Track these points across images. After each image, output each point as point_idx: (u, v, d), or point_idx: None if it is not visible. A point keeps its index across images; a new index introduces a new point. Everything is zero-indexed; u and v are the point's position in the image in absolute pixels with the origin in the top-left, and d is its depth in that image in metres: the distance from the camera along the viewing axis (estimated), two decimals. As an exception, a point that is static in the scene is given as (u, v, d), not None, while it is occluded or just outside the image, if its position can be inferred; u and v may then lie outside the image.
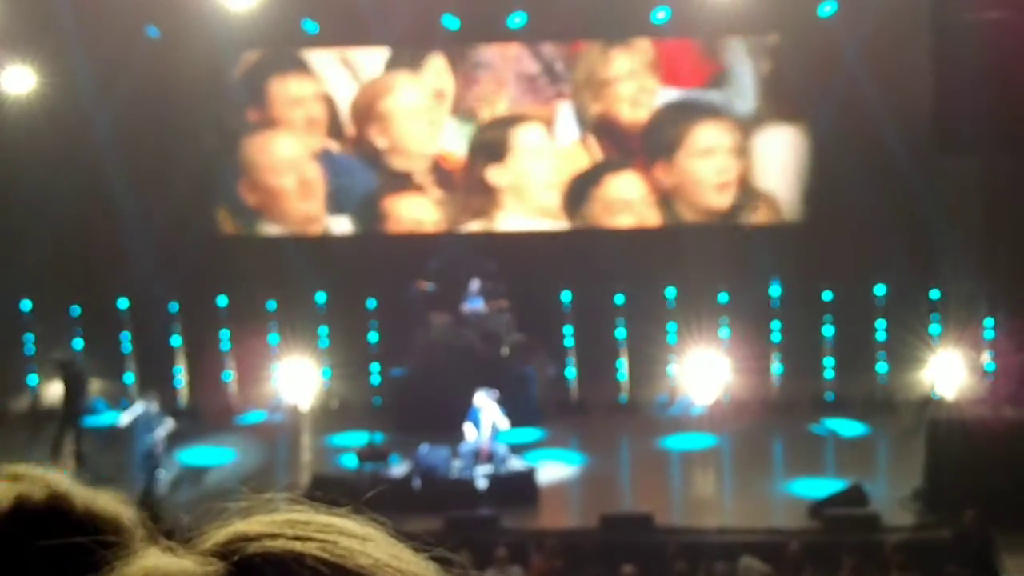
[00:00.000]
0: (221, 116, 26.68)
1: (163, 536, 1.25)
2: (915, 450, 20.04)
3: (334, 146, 26.65)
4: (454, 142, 26.42)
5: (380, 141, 26.45)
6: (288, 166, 26.74)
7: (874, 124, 24.20)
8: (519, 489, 20.33)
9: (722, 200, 25.88)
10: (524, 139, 26.32)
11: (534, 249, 25.95)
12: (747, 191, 25.79)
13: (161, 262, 25.56)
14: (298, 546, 1.10)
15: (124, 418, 20.72)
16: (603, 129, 26.11)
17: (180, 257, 25.46)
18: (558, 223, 26.31)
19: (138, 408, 20.71)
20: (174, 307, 25.34)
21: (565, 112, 26.14)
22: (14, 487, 1.43)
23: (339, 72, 26.62)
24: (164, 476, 20.82)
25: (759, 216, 25.90)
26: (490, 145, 26.33)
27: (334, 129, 26.61)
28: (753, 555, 16.87)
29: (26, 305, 25.79)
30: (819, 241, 24.67)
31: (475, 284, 24.31)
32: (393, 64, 26.42)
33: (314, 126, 26.67)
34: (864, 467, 20.96)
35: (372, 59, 26.50)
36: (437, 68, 26.25)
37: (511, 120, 26.31)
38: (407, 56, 26.32)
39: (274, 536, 1.11)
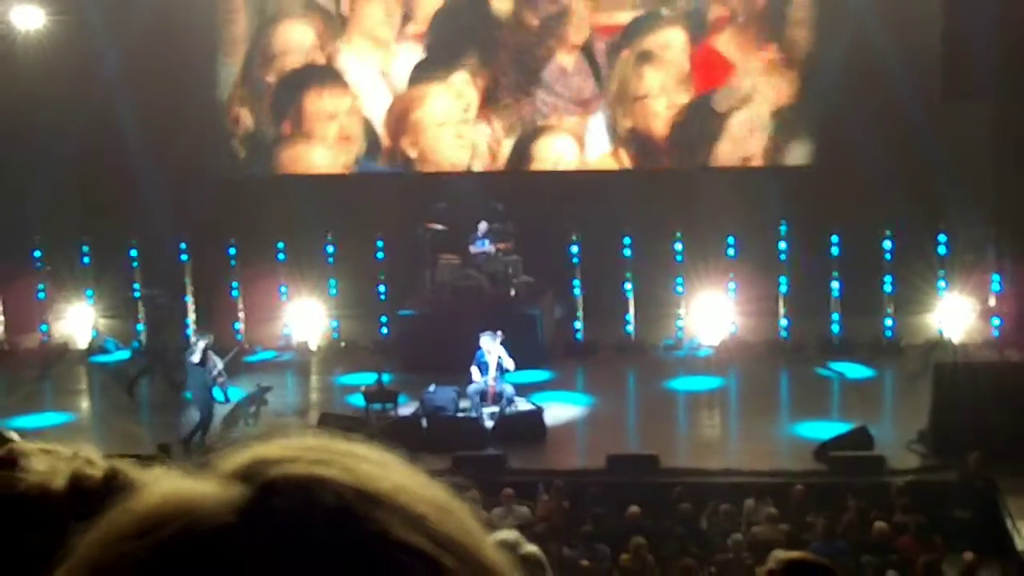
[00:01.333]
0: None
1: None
2: (920, 393, 20.08)
3: (368, 157, 27.11)
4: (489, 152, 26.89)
5: (411, 151, 26.69)
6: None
7: (883, 68, 24.13)
8: (526, 429, 20.38)
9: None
10: (553, 150, 26.66)
11: (543, 191, 25.96)
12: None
13: (172, 201, 25.56)
14: (319, 470, 1.11)
15: (194, 358, 20.84)
16: (634, 141, 26.39)
17: (190, 197, 25.45)
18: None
19: (200, 345, 20.88)
20: (184, 247, 25.36)
21: (597, 124, 26.33)
22: (70, 463, 1.44)
23: (375, 83, 26.74)
24: (224, 408, 20.95)
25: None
26: (520, 156, 26.65)
27: (369, 140, 26.90)
28: (758, 496, 16.95)
29: (36, 243, 25.83)
30: (827, 185, 24.63)
31: (483, 225, 24.30)
32: (422, 75, 26.60)
33: (348, 140, 26.87)
34: (870, 410, 20.99)
35: (404, 69, 26.68)
36: (462, 80, 26.48)
37: (542, 132, 26.61)
38: (437, 67, 26.50)
39: (294, 460, 1.12)
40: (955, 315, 23.86)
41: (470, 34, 26.47)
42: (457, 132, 26.87)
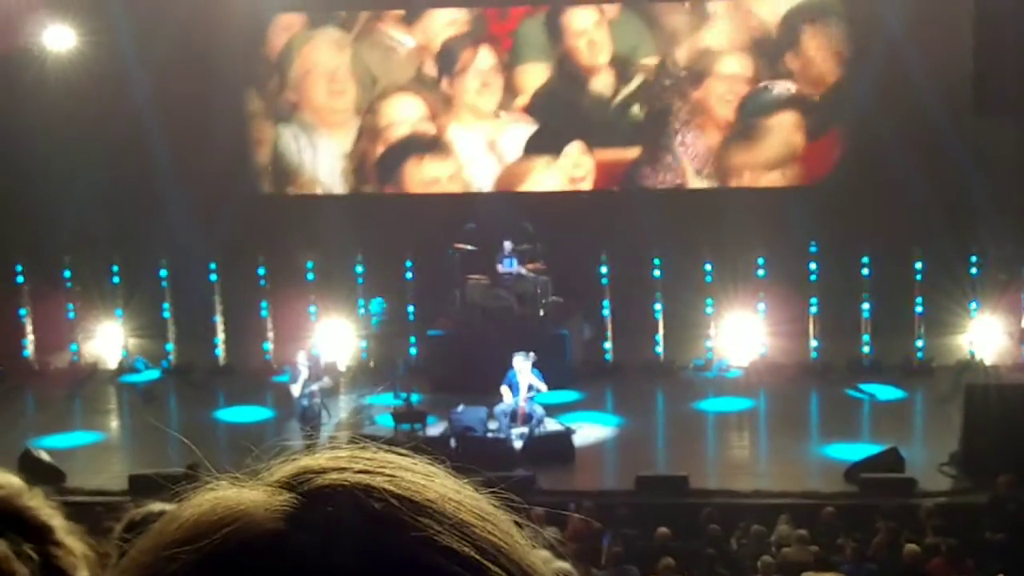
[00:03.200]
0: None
1: None
2: (952, 415, 20.00)
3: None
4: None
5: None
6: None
7: (913, 85, 24.06)
8: (555, 450, 20.34)
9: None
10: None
11: (572, 211, 25.94)
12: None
13: (201, 220, 25.64)
14: (366, 479, 1.13)
15: (295, 387, 20.98)
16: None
17: (219, 216, 25.53)
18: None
19: (302, 367, 21.00)
20: (213, 265, 25.42)
21: None
22: None
23: (482, 153, 27.00)
24: (323, 429, 20.98)
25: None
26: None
27: None
28: (788, 518, 16.87)
29: (67, 263, 25.92)
30: (858, 204, 24.55)
31: (507, 244, 24.27)
32: (533, 146, 26.82)
33: None
34: (900, 431, 20.91)
35: (513, 140, 26.88)
36: (576, 151, 26.63)
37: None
38: (547, 139, 26.72)
39: (341, 469, 1.15)
40: (987, 336, 23.74)
41: (574, 110, 26.59)
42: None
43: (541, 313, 24.21)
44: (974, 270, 23.90)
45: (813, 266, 24.43)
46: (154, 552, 1.11)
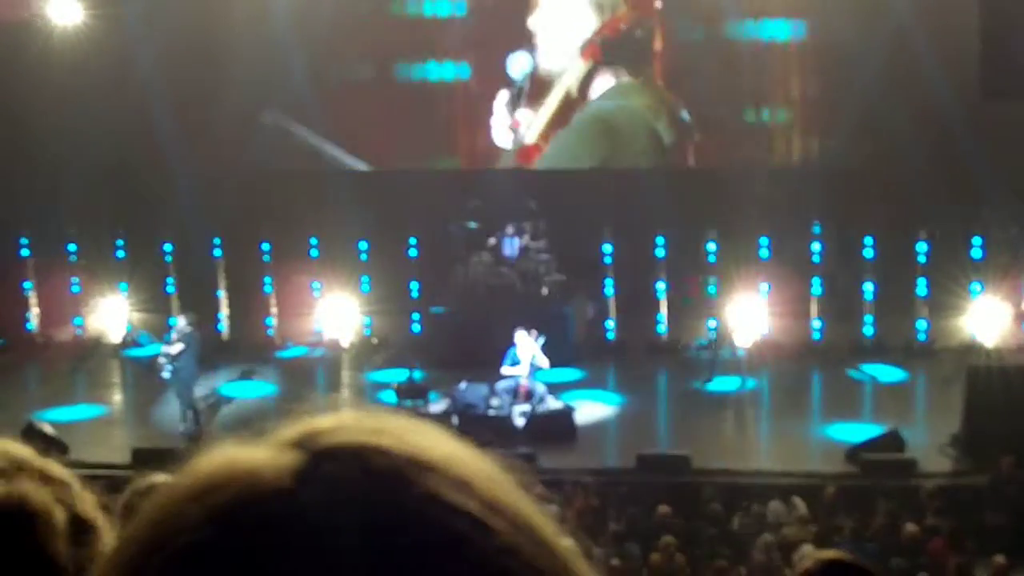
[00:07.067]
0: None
1: None
2: (953, 396, 20.01)
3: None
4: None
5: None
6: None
7: (920, 68, 24.00)
8: (557, 428, 20.37)
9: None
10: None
11: (576, 189, 25.90)
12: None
13: (205, 196, 25.63)
14: (372, 438, 1.14)
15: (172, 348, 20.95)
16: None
17: (223, 191, 25.52)
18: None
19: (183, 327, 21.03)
20: (217, 241, 25.41)
21: None
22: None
23: None
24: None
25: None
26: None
27: None
28: (789, 498, 16.88)
29: (71, 237, 25.94)
30: (861, 185, 24.53)
31: (510, 226, 24.27)
32: None
33: None
34: (902, 412, 20.93)
35: None
36: None
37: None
38: None
39: (347, 429, 1.16)
40: (989, 318, 23.73)
41: None
42: None
43: (544, 291, 24.22)
44: (978, 252, 23.87)
45: (817, 246, 24.42)
46: (163, 508, 1.13)
